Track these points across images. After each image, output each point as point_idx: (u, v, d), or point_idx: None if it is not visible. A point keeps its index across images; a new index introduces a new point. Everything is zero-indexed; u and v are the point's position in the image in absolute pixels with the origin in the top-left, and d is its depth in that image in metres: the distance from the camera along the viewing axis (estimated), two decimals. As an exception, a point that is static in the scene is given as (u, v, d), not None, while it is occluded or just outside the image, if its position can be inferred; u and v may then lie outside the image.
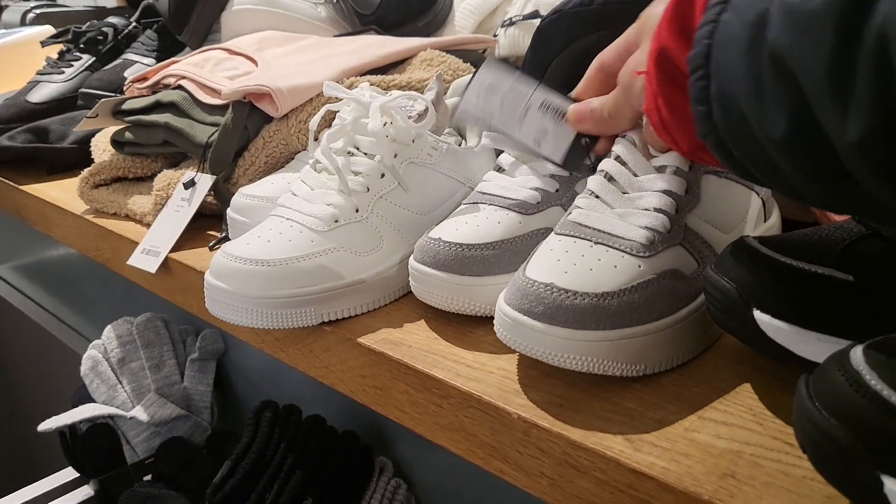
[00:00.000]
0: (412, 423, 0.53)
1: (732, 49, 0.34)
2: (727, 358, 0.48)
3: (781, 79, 0.31)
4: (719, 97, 0.35)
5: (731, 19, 0.35)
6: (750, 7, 0.33)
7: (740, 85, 0.34)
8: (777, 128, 0.32)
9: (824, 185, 0.33)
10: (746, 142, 0.35)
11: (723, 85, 0.35)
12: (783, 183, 0.35)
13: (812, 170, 0.33)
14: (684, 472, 0.39)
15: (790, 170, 0.33)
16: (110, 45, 1.23)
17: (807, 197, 0.35)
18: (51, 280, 1.45)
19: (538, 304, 0.44)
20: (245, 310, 0.56)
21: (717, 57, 0.35)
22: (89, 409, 0.99)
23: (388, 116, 0.61)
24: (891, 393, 0.31)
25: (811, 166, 0.32)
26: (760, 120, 0.33)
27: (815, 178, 0.33)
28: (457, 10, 1.03)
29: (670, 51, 0.41)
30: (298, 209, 0.58)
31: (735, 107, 0.34)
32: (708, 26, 0.36)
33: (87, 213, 0.88)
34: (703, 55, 0.36)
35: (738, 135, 0.35)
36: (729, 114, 0.35)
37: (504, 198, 0.56)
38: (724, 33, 0.35)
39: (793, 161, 0.33)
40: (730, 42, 0.34)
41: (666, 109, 0.42)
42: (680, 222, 0.49)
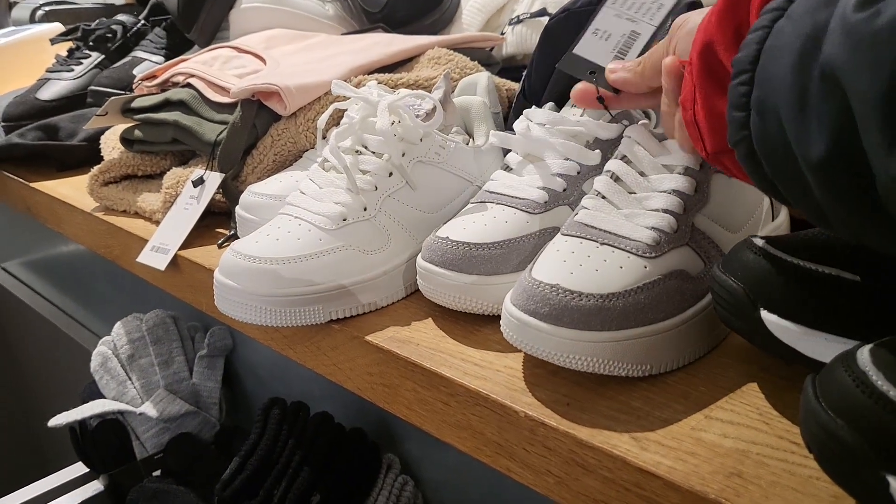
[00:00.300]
0: (420, 421, 0.53)
1: (782, 58, 0.33)
2: (734, 357, 0.48)
3: (830, 96, 0.30)
4: (759, 106, 0.34)
5: (786, 28, 0.33)
6: (807, 18, 0.32)
7: (784, 96, 0.32)
8: (816, 147, 0.31)
9: (855, 216, 0.32)
10: (780, 157, 0.34)
11: (766, 94, 0.34)
12: (811, 206, 0.34)
13: (844, 197, 0.31)
14: (690, 471, 0.39)
15: (821, 193, 0.32)
16: (119, 43, 1.23)
17: (834, 225, 0.34)
18: (61, 276, 1.46)
19: (544, 304, 0.44)
20: (254, 307, 0.56)
21: (765, 64, 0.34)
22: (99, 405, 1.00)
23: (397, 115, 0.61)
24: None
25: (845, 193, 0.31)
26: (799, 136, 0.32)
27: (846, 207, 0.32)
28: (464, 7, 1.03)
29: (717, 46, 0.39)
30: (307, 207, 0.59)
31: (775, 118, 0.33)
32: (760, 31, 0.35)
33: (97, 211, 0.88)
34: (751, 60, 0.35)
35: (773, 148, 0.34)
36: (767, 125, 0.34)
37: (511, 197, 0.56)
38: (776, 41, 0.34)
39: (826, 185, 0.32)
40: (780, 51, 0.33)
41: (701, 105, 0.40)
42: (687, 222, 0.49)
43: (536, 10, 0.94)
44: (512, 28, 0.95)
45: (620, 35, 0.53)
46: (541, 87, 0.64)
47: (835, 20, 0.30)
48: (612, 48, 0.53)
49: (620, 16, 0.53)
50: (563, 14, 0.60)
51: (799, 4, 0.33)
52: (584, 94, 0.53)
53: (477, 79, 0.74)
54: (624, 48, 0.53)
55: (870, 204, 0.30)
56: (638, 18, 0.53)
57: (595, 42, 0.53)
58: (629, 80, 0.49)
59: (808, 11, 0.32)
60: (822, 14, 0.31)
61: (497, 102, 0.74)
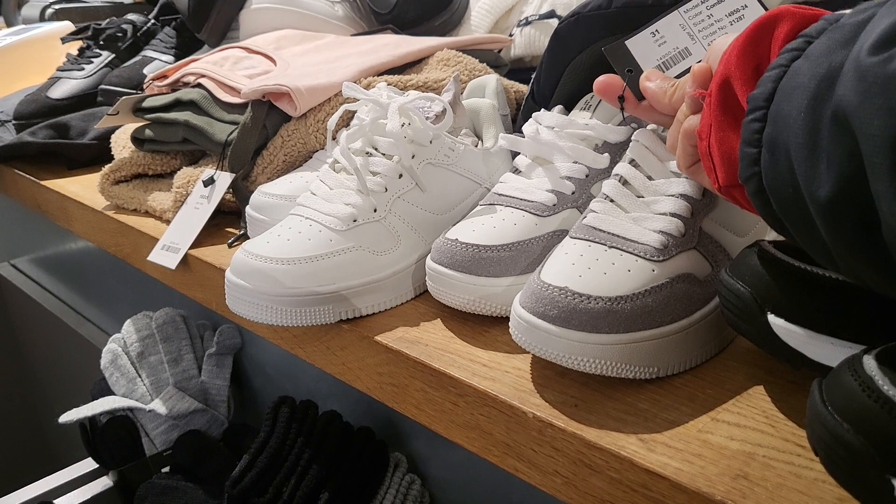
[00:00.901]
0: (428, 421, 0.54)
1: (797, 98, 0.33)
2: (741, 360, 0.49)
3: (840, 138, 0.30)
4: (771, 144, 0.34)
5: (802, 68, 0.33)
6: (823, 59, 0.32)
7: (795, 136, 0.32)
8: (824, 188, 0.31)
9: (859, 258, 0.32)
10: (789, 195, 0.34)
11: (778, 132, 0.34)
12: (818, 246, 0.34)
13: (850, 240, 0.31)
14: (697, 473, 0.39)
15: (827, 234, 0.32)
16: (130, 42, 1.24)
17: (840, 266, 0.34)
18: (71, 273, 1.47)
19: (553, 307, 0.44)
20: (265, 307, 0.56)
21: (779, 103, 0.34)
22: (109, 402, 1.01)
23: (407, 117, 0.62)
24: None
25: (850, 235, 0.31)
26: (808, 176, 0.32)
27: (851, 249, 0.32)
28: (473, 9, 1.03)
29: (735, 81, 0.39)
30: (317, 208, 0.59)
31: (785, 157, 0.33)
32: (778, 70, 0.35)
33: (108, 209, 0.89)
34: (766, 97, 0.35)
35: (782, 186, 0.34)
36: (777, 163, 0.34)
37: (520, 199, 0.56)
38: (791, 80, 0.34)
39: (832, 226, 0.32)
40: (796, 91, 0.33)
41: (715, 138, 0.40)
42: (695, 226, 0.49)
43: (545, 11, 0.95)
44: (520, 30, 0.96)
45: (674, 47, 0.53)
46: (550, 90, 0.65)
47: (849, 62, 0.30)
48: (659, 56, 0.53)
49: (684, 27, 0.53)
50: (573, 18, 0.60)
51: (817, 46, 0.34)
52: (608, 86, 0.52)
53: (486, 81, 0.75)
54: (670, 61, 0.53)
55: (875, 248, 0.30)
56: (697, 38, 0.53)
57: (648, 43, 0.53)
58: (657, 96, 0.49)
59: (826, 53, 0.32)
60: (839, 56, 0.31)
61: (505, 104, 0.75)
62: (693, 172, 0.46)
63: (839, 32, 0.33)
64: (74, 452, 1.14)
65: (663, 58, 0.53)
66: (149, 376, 1.03)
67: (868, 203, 0.29)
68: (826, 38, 0.33)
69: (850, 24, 0.33)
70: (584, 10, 0.59)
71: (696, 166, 0.46)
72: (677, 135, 0.46)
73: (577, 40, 0.61)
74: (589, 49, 0.61)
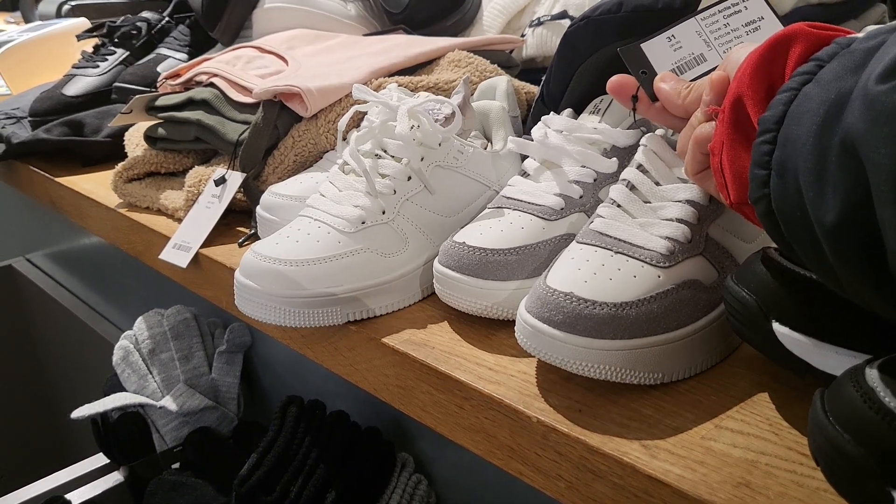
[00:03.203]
0: (434, 423, 0.54)
1: (806, 123, 0.33)
2: (745, 367, 0.49)
3: (847, 165, 0.30)
4: (780, 167, 0.34)
5: (813, 93, 0.34)
6: (833, 85, 0.32)
7: (804, 161, 0.33)
8: (831, 213, 0.31)
9: (866, 284, 0.32)
10: (797, 219, 0.34)
11: (787, 156, 0.34)
12: (826, 270, 0.34)
13: (857, 265, 0.32)
14: (699, 480, 0.39)
15: (834, 259, 0.33)
16: (144, 40, 1.24)
17: (847, 290, 0.34)
18: (84, 269, 1.48)
19: (558, 312, 0.45)
20: (273, 308, 0.57)
21: (790, 126, 0.34)
22: (121, 398, 1.02)
23: (416, 120, 0.62)
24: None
25: (857, 261, 0.31)
26: (816, 201, 0.32)
27: (858, 275, 0.32)
28: (485, 9, 1.03)
29: (747, 101, 0.39)
30: (326, 210, 0.60)
31: (793, 181, 0.34)
32: (789, 93, 0.35)
33: (121, 207, 0.90)
34: (776, 120, 0.35)
35: (790, 210, 0.34)
36: (786, 186, 0.34)
37: (528, 203, 0.56)
38: (801, 105, 0.34)
39: (839, 252, 0.32)
40: (805, 116, 0.33)
41: (727, 156, 0.40)
42: (702, 232, 0.49)
43: (557, 12, 0.95)
44: (532, 30, 0.96)
45: (689, 53, 0.53)
46: (559, 93, 0.65)
47: (857, 90, 0.30)
48: (674, 60, 0.53)
49: (700, 34, 0.53)
50: (583, 22, 0.60)
51: (828, 71, 0.34)
52: (621, 86, 0.52)
53: (496, 82, 0.75)
54: (685, 66, 0.53)
55: (881, 274, 0.31)
56: (713, 45, 0.53)
57: (664, 47, 0.53)
58: (670, 97, 0.49)
59: (835, 78, 0.32)
60: (848, 82, 0.32)
61: (516, 106, 0.75)
62: (701, 179, 0.46)
63: (849, 58, 0.33)
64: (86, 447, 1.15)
65: (678, 62, 0.53)
66: (160, 373, 1.04)
67: (874, 230, 0.30)
68: (837, 63, 0.34)
69: (861, 49, 0.33)
70: (594, 14, 0.59)
71: (704, 173, 0.46)
72: (688, 140, 0.45)
73: (586, 44, 0.61)
74: (599, 53, 0.61)
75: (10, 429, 1.67)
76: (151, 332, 1.06)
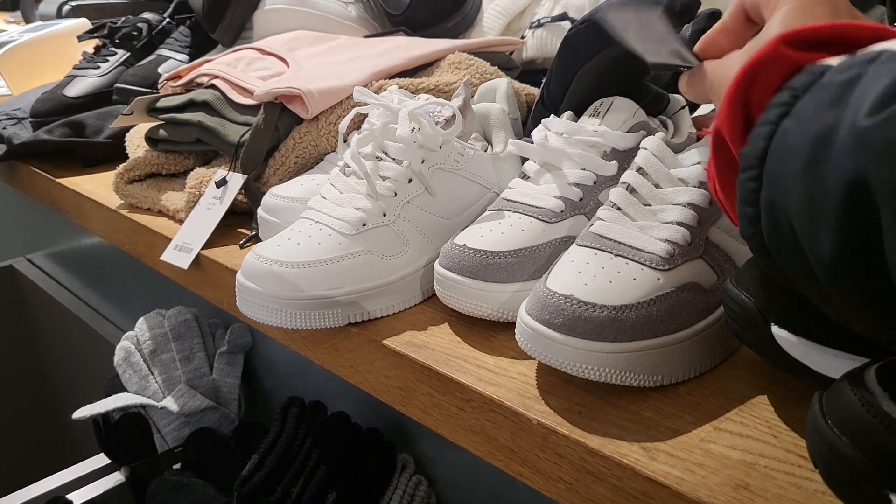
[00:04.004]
0: (435, 425, 0.54)
1: (789, 161, 0.32)
2: (745, 370, 0.49)
3: (843, 204, 0.29)
4: (769, 206, 0.33)
5: (792, 128, 0.32)
6: (813, 120, 0.31)
7: (795, 203, 0.31)
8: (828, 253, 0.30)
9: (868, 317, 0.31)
10: (792, 257, 0.33)
11: (775, 196, 0.33)
12: (827, 303, 0.34)
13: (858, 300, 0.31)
14: (698, 482, 0.40)
15: (835, 297, 0.32)
16: (145, 41, 1.25)
17: (850, 320, 0.34)
18: (85, 269, 1.48)
19: (558, 315, 0.45)
20: (274, 310, 0.57)
21: (773, 165, 0.33)
22: (122, 399, 1.02)
23: (417, 122, 0.62)
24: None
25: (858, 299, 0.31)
26: (812, 242, 0.31)
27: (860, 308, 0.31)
28: (485, 10, 1.04)
29: (725, 135, 0.38)
30: (327, 212, 0.60)
31: (786, 221, 0.33)
32: (767, 126, 0.34)
33: (122, 208, 0.90)
34: (758, 156, 0.34)
35: (784, 248, 0.34)
36: (778, 225, 0.33)
37: (528, 205, 0.57)
38: (782, 141, 0.33)
39: (839, 290, 0.31)
40: (787, 153, 0.32)
41: (719, 184, 0.40)
42: (701, 235, 0.49)
43: (557, 14, 0.95)
44: (532, 32, 0.96)
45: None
46: (560, 95, 0.65)
47: (844, 128, 0.29)
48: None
49: None
50: (584, 24, 0.60)
51: (805, 105, 0.32)
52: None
53: (496, 84, 0.75)
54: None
55: (886, 312, 0.30)
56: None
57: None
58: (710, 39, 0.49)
59: (814, 113, 0.31)
60: (828, 117, 0.30)
61: (516, 108, 0.75)
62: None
63: (825, 92, 0.32)
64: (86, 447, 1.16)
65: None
66: (161, 374, 1.04)
67: (875, 267, 0.29)
68: (812, 97, 0.33)
69: (836, 83, 0.32)
70: (595, 16, 0.59)
71: None
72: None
73: (587, 46, 0.61)
74: (599, 55, 0.61)
75: (10, 429, 1.68)
76: (153, 333, 1.06)
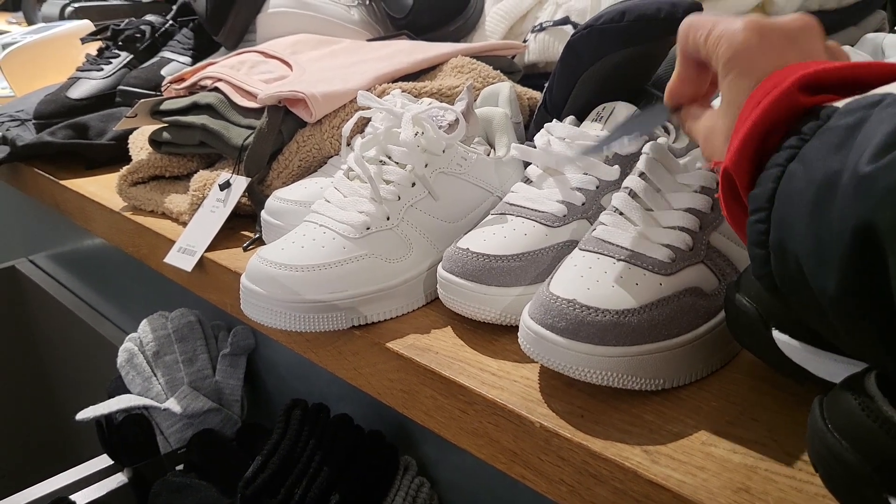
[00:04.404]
0: (438, 427, 0.55)
1: (796, 203, 0.32)
2: (746, 373, 0.49)
3: (851, 248, 0.29)
4: (779, 248, 0.34)
5: (798, 172, 0.33)
6: (818, 165, 0.31)
7: (803, 246, 0.32)
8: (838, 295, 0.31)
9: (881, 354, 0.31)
10: (803, 297, 0.34)
11: (784, 238, 0.33)
12: (837, 336, 0.34)
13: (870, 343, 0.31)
14: (700, 486, 0.40)
15: (846, 335, 0.32)
16: (148, 43, 1.25)
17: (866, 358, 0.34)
18: (88, 271, 1.49)
19: (561, 319, 0.45)
20: (279, 313, 0.58)
21: (781, 208, 0.34)
22: (125, 400, 1.02)
23: (420, 127, 0.63)
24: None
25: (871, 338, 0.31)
26: (822, 284, 0.31)
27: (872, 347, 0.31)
28: (488, 14, 1.04)
29: (735, 178, 0.37)
30: (331, 216, 0.60)
31: (795, 263, 0.33)
32: (776, 169, 0.34)
33: (125, 210, 0.90)
34: (767, 198, 0.34)
35: (795, 288, 0.34)
36: (787, 267, 0.34)
37: (531, 209, 0.57)
38: (789, 185, 0.33)
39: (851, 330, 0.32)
40: (794, 197, 0.33)
41: (731, 221, 0.40)
42: (703, 240, 0.50)
43: (559, 18, 0.95)
44: (534, 36, 0.96)
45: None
46: (562, 100, 0.65)
47: (847, 172, 0.30)
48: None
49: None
50: (586, 31, 0.61)
51: (811, 148, 0.33)
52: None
53: (499, 89, 0.76)
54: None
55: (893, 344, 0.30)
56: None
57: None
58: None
59: (819, 157, 0.32)
60: (833, 161, 0.31)
61: (518, 112, 0.76)
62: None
63: (830, 136, 0.32)
64: (88, 448, 1.16)
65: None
66: (164, 375, 1.04)
67: (882, 307, 0.29)
68: (818, 141, 0.33)
69: (841, 126, 0.32)
70: (596, 23, 0.60)
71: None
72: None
73: (589, 52, 0.62)
74: (602, 61, 0.62)
75: (11, 429, 1.68)
76: (156, 335, 1.06)
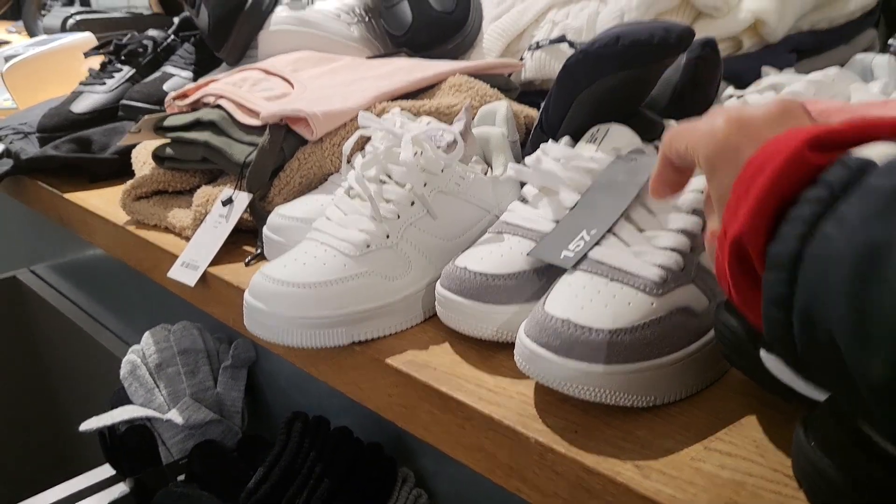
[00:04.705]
0: (436, 441, 0.56)
1: (832, 272, 0.28)
2: (734, 391, 0.51)
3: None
4: (804, 316, 0.30)
5: (835, 234, 0.29)
6: (860, 231, 0.27)
7: (841, 322, 0.28)
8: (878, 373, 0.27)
9: None
10: (831, 368, 0.30)
11: (814, 307, 0.29)
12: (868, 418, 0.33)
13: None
14: (689, 500, 0.41)
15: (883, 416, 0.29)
16: (150, 58, 1.27)
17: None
18: (90, 283, 1.50)
19: (555, 338, 0.47)
20: (281, 329, 0.59)
21: (810, 272, 0.29)
22: (128, 411, 1.03)
23: (419, 146, 0.64)
24: (880, 438, 0.34)
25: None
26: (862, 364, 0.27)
27: None
28: (485, 32, 1.06)
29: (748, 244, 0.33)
30: (333, 234, 0.62)
31: (825, 334, 0.29)
32: (799, 224, 0.30)
33: (128, 224, 0.92)
34: (790, 257, 0.30)
35: (823, 360, 0.30)
36: (814, 338, 0.30)
37: (527, 228, 0.59)
38: (822, 249, 0.29)
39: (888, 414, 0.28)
40: (829, 262, 0.28)
41: (738, 298, 0.36)
42: (693, 261, 0.51)
43: (556, 36, 0.97)
44: (531, 54, 0.98)
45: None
46: (558, 121, 0.67)
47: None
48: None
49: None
50: (582, 55, 0.62)
51: (850, 211, 0.29)
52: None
53: (496, 107, 0.77)
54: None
55: None
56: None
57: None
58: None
59: (861, 224, 0.28)
60: (878, 230, 0.27)
61: (514, 130, 0.77)
62: None
63: (872, 199, 0.28)
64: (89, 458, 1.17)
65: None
66: (166, 387, 1.06)
67: None
68: (858, 203, 0.28)
69: (885, 189, 0.28)
70: (592, 48, 0.62)
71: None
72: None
73: (585, 75, 0.63)
74: (597, 83, 0.63)
75: (14, 439, 1.69)
76: (158, 347, 1.07)
